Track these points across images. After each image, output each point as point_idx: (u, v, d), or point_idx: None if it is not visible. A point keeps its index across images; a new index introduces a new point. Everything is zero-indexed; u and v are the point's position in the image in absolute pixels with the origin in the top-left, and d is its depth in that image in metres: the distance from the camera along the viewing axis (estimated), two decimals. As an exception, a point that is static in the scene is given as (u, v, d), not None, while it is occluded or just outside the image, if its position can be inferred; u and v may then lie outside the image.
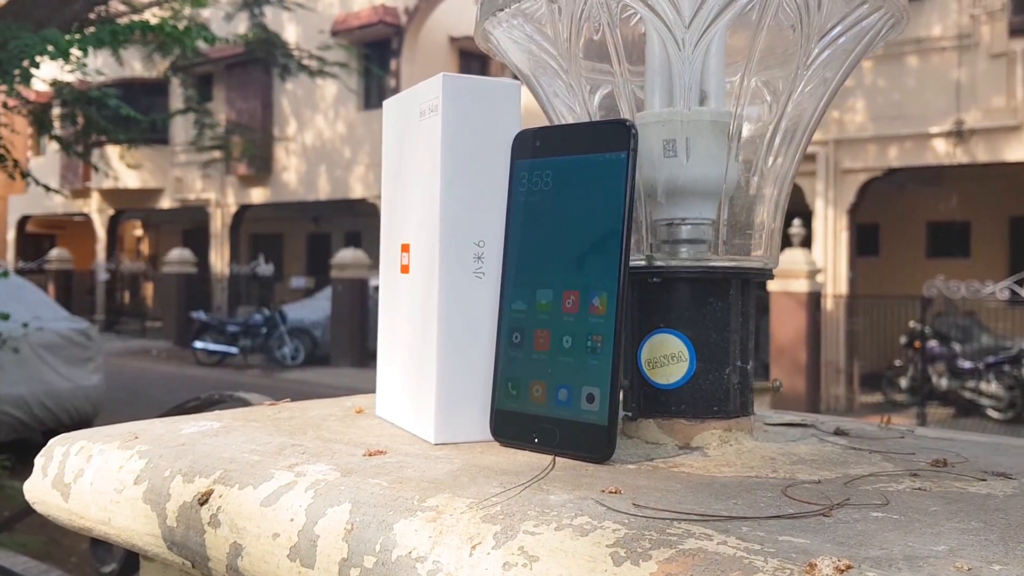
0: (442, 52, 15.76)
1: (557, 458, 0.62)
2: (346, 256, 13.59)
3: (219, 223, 18.15)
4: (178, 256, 16.62)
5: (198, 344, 13.72)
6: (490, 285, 0.67)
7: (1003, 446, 0.70)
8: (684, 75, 0.62)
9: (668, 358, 0.66)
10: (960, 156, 10.10)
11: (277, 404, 0.85)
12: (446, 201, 0.66)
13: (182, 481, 0.65)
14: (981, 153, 10.03)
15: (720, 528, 0.47)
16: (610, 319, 0.61)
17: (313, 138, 16.45)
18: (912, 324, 9.95)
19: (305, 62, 11.16)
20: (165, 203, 19.04)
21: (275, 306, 14.31)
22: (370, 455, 0.63)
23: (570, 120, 0.71)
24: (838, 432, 0.74)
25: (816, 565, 0.41)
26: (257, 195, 17.46)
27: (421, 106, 0.69)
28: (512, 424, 0.66)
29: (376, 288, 14.31)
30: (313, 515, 0.56)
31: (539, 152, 0.66)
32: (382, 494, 0.55)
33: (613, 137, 0.61)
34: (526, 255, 0.66)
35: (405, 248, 0.72)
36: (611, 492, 0.53)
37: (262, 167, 16.91)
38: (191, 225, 20.66)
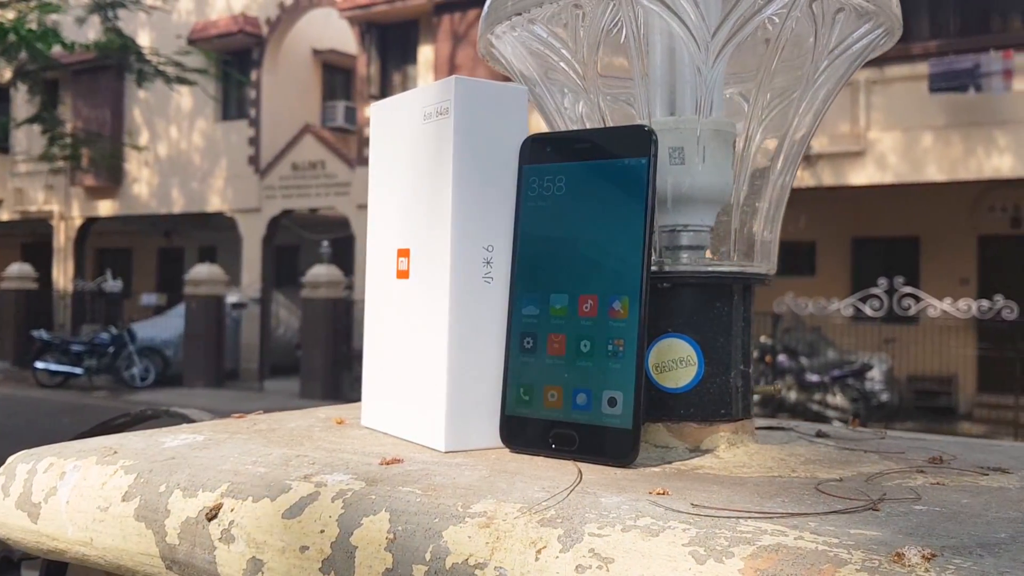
0: (305, 65, 15.51)
1: (577, 463, 0.61)
2: (201, 272, 13.13)
3: (63, 236, 17.24)
4: (17, 271, 15.65)
5: (39, 365, 12.93)
6: (499, 290, 0.67)
7: (975, 444, 0.75)
8: (705, 84, 0.63)
9: (677, 362, 0.67)
10: (808, 180, 10.67)
11: (246, 416, 0.81)
12: (457, 205, 0.65)
13: (182, 496, 0.61)
14: (827, 177, 10.63)
15: (788, 524, 0.48)
16: (632, 323, 0.61)
17: (168, 149, 15.85)
18: (763, 339, 10.41)
19: (162, 68, 10.77)
20: (3, 215, 17.93)
21: (123, 324, 13.64)
22: (387, 463, 0.62)
23: (581, 127, 0.71)
24: (820, 434, 0.77)
25: (904, 555, 0.42)
26: (105, 207, 16.68)
27: (426, 109, 0.68)
28: (524, 430, 0.65)
29: (234, 305, 13.89)
30: (347, 525, 0.54)
31: (551, 157, 0.66)
32: (420, 501, 0.54)
33: (633, 142, 0.62)
34: (538, 260, 0.66)
35: (404, 253, 0.71)
36: (659, 493, 0.53)
37: (111, 178, 16.17)
38: (32, 239, 19.53)
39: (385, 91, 13.98)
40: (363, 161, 13.74)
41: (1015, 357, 9.87)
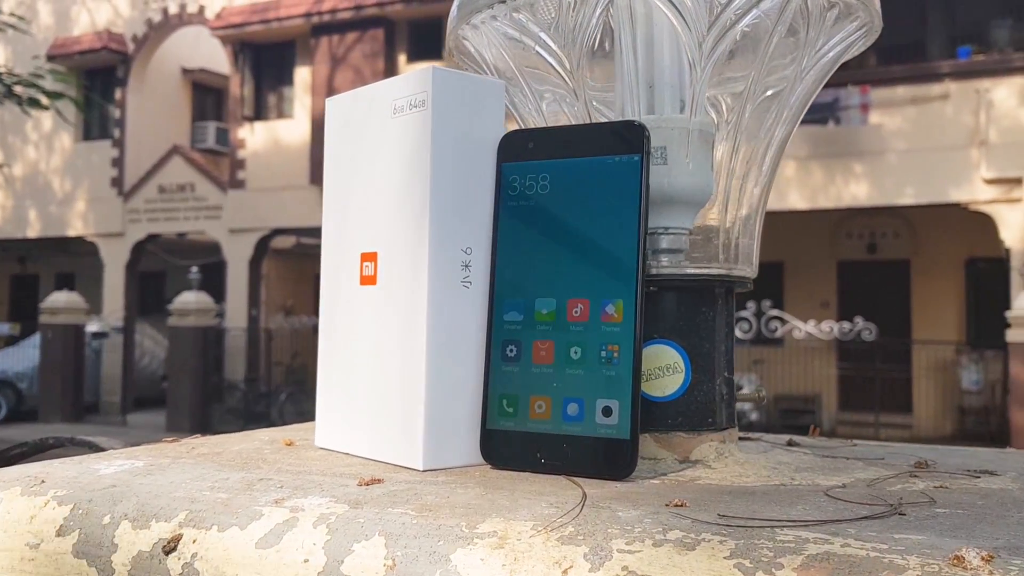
0: (174, 84, 15.00)
1: (570, 478, 0.58)
2: (59, 299, 12.47)
3: (-97, 262, 16.08)
4: None
5: None
6: (477, 295, 0.63)
7: (943, 450, 0.75)
8: (697, 80, 0.61)
9: (663, 369, 0.64)
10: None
11: (180, 440, 0.74)
12: (435, 204, 0.61)
13: (132, 528, 0.54)
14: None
15: (826, 532, 0.45)
16: (628, 327, 0.58)
17: (24, 169, 15.02)
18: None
19: (16, 90, 10.23)
20: None
21: (-29, 356, 12.81)
22: (366, 484, 0.56)
23: (558, 124, 0.68)
24: (791, 443, 0.75)
25: (963, 558, 0.40)
26: (-49, 232, 15.67)
27: (396, 102, 0.64)
28: (508, 444, 0.61)
29: (95, 335, 13.24)
30: (336, 553, 0.49)
31: (533, 154, 0.62)
32: (417, 524, 0.49)
33: (625, 139, 0.59)
34: (520, 263, 0.62)
35: (369, 257, 0.66)
36: (677, 505, 0.50)
37: (-43, 201, 15.22)
38: None
39: (260, 112, 13.66)
40: (236, 184, 13.38)
41: (874, 376, 10.38)
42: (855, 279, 12.31)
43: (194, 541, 0.52)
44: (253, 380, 12.88)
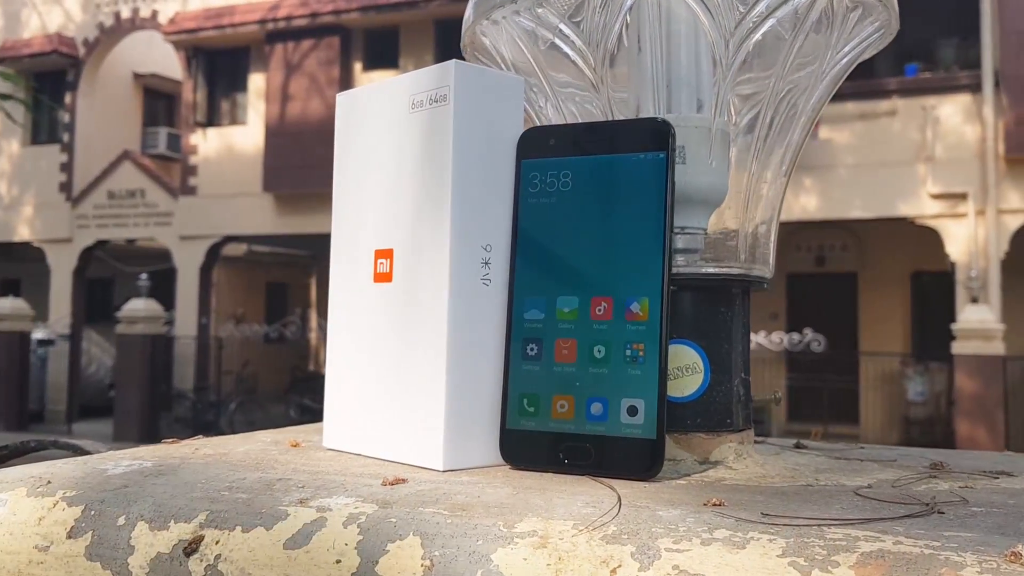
0: (125, 89, 14.74)
1: (595, 478, 0.57)
2: (4, 306, 12.16)
3: None
4: None
5: None
6: (497, 293, 0.62)
7: (952, 453, 0.75)
8: (724, 78, 0.61)
9: (683, 370, 0.63)
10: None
11: (180, 442, 0.72)
12: (457, 200, 0.60)
13: (149, 529, 0.52)
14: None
15: (874, 530, 0.45)
16: (654, 325, 0.57)
17: (-33, 174, 14.65)
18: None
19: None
20: None
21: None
22: (391, 484, 0.55)
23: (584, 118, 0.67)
24: (799, 446, 0.75)
25: (1020, 554, 0.40)
26: None
27: (415, 96, 0.62)
28: (529, 444, 0.60)
29: (40, 342, 12.95)
30: (370, 553, 0.47)
31: (554, 151, 0.62)
32: (452, 523, 0.48)
33: (650, 136, 0.59)
34: (541, 261, 0.61)
35: (384, 254, 0.64)
36: (715, 504, 0.50)
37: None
38: None
39: (212, 118, 13.48)
40: (187, 190, 13.18)
41: (822, 387, 10.53)
42: (804, 291, 12.48)
43: (217, 542, 0.50)
44: (202, 389, 12.68)
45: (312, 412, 10.87)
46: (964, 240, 9.82)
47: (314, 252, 14.77)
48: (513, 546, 0.46)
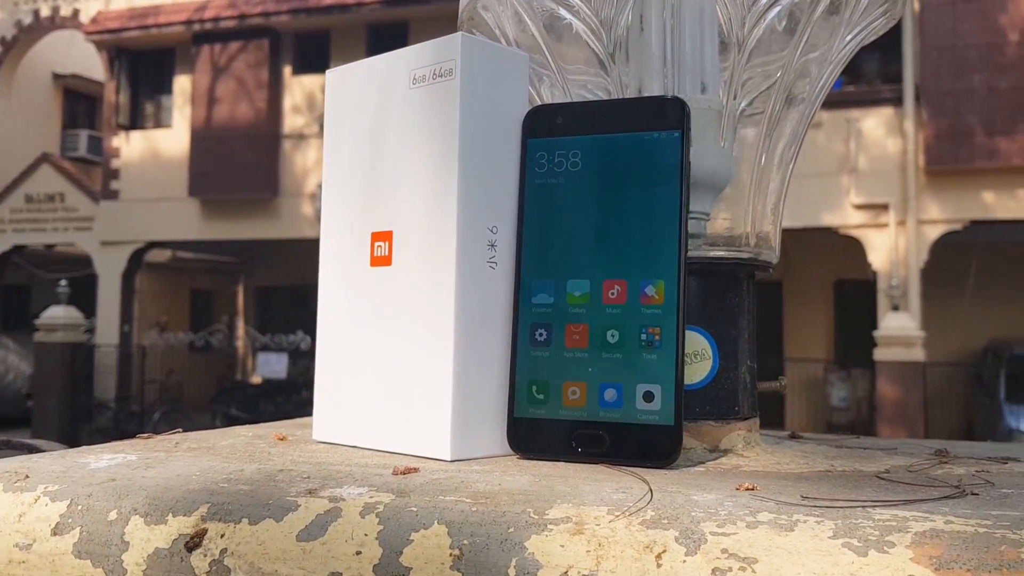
0: (44, 89, 14.28)
1: (607, 467, 0.55)
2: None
3: None
4: None
5: None
6: (503, 277, 0.59)
7: (945, 442, 0.75)
8: (741, 60, 0.59)
9: (692, 356, 0.62)
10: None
11: (154, 437, 0.68)
12: (462, 179, 0.57)
13: (144, 524, 0.49)
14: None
15: (920, 510, 0.44)
16: (670, 309, 0.56)
17: None
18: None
19: None
20: None
21: None
22: (402, 473, 0.52)
23: (591, 98, 0.65)
24: (794, 436, 0.74)
25: (1076, 530, 0.40)
26: None
27: (416, 71, 0.60)
28: (539, 433, 0.58)
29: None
30: (392, 543, 0.45)
31: (563, 130, 0.60)
32: (478, 511, 0.45)
33: (664, 114, 0.57)
34: (549, 243, 0.59)
35: (383, 236, 0.61)
36: (748, 489, 0.48)
37: None
38: None
39: (136, 121, 13.12)
40: (109, 194, 12.81)
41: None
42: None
43: (222, 536, 0.47)
44: (125, 399, 12.32)
45: (239, 422, 10.62)
46: (885, 249, 10.09)
47: (243, 259, 14.49)
48: (548, 533, 0.43)
